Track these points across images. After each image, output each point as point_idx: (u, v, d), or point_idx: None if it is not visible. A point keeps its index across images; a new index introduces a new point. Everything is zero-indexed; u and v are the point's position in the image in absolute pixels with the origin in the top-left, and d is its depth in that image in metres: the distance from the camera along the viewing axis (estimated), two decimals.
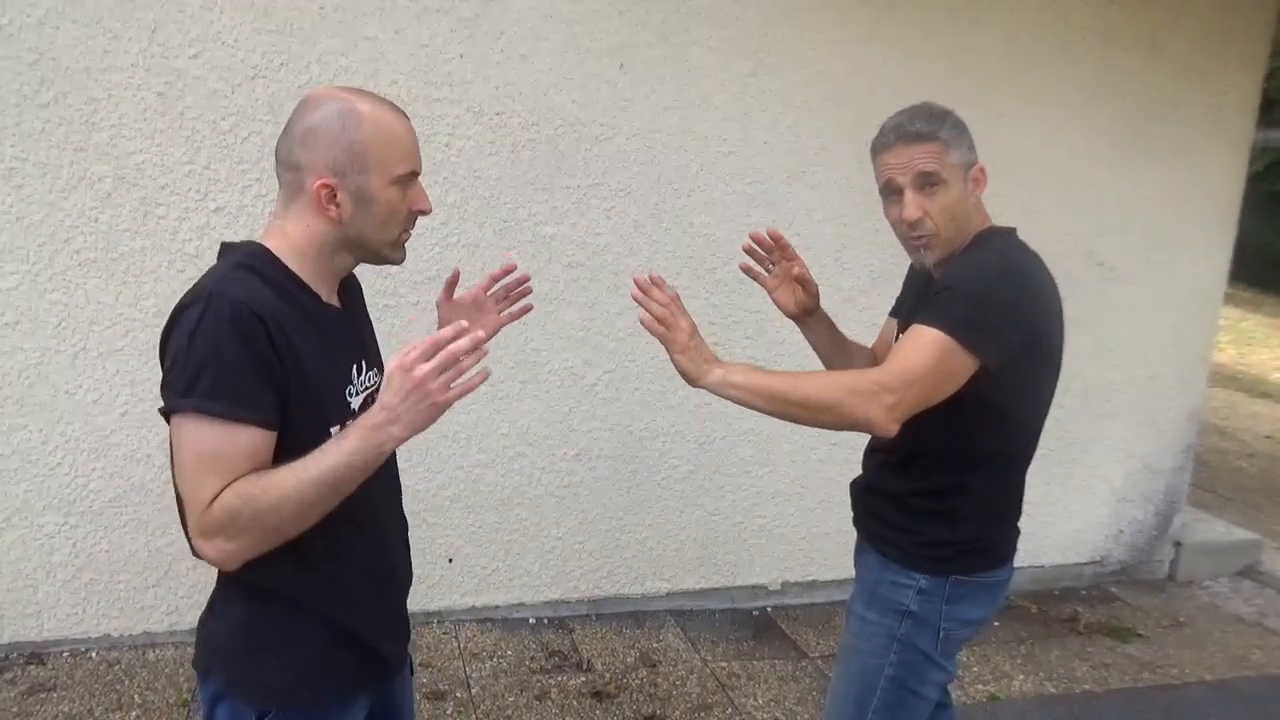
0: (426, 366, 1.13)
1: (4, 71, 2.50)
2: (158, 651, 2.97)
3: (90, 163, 2.61)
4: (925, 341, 1.55)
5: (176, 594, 2.97)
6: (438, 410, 1.17)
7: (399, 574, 1.51)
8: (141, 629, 2.97)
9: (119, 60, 2.57)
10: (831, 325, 1.98)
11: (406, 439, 1.18)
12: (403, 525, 1.56)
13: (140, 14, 2.56)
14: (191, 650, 3.09)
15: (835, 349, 1.98)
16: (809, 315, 1.93)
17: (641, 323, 1.59)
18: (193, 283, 1.21)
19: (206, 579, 3.16)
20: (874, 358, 2.00)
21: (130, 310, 2.73)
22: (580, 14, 2.93)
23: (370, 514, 1.40)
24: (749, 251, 1.89)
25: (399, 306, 2.84)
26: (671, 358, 1.60)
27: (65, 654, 2.91)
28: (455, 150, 2.85)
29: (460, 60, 2.85)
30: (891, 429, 1.54)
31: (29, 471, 2.76)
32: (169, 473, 3.09)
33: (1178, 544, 4.25)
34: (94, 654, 2.93)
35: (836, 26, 3.20)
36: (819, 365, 2.01)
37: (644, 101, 3.06)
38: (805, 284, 1.88)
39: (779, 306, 1.92)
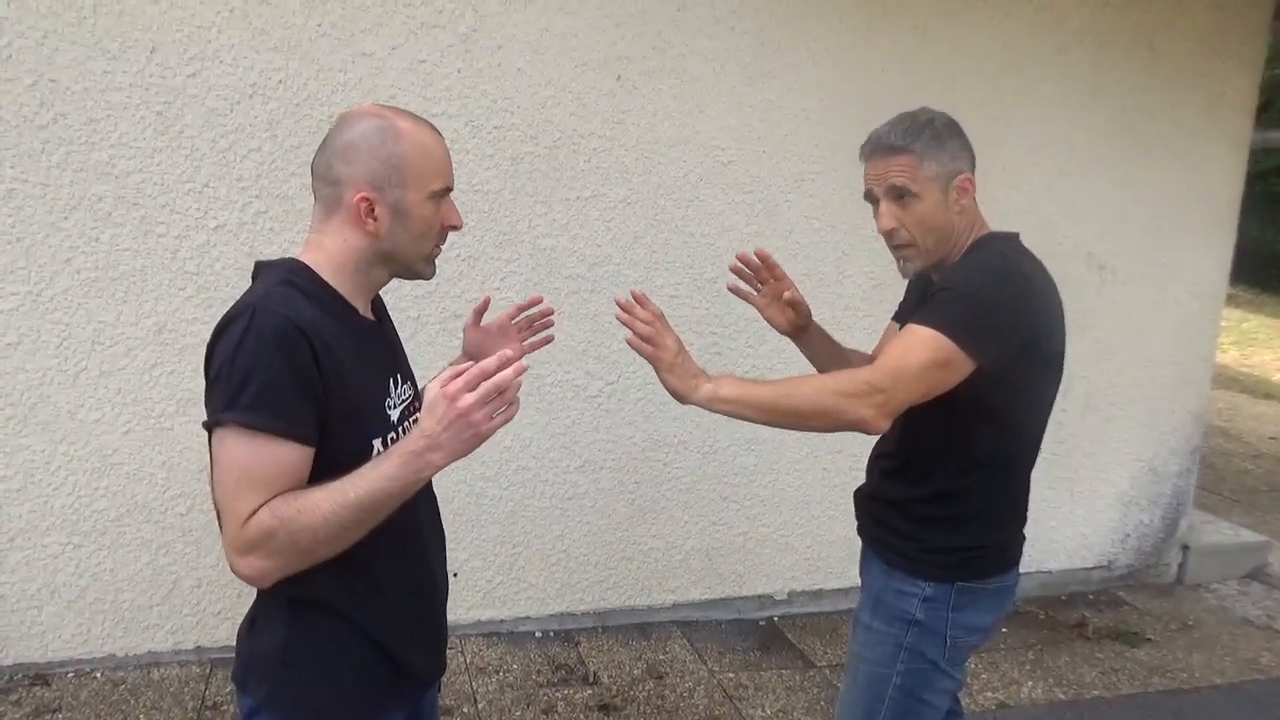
0: (471, 397, 1.13)
1: (4, 93, 2.51)
2: (163, 670, 2.96)
3: (90, 183, 2.62)
4: (919, 340, 1.55)
5: (181, 613, 2.96)
6: (479, 440, 1.17)
7: (438, 587, 1.51)
8: (146, 648, 2.97)
9: (118, 80, 2.58)
10: (826, 338, 1.98)
11: (445, 466, 1.18)
12: (442, 538, 1.56)
13: (138, 34, 2.57)
14: (196, 668, 3.08)
15: (831, 360, 1.98)
16: (802, 332, 1.94)
17: (628, 343, 1.58)
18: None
19: (211, 597, 3.17)
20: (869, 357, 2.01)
21: (131, 329, 2.73)
22: (576, 27, 2.94)
23: (414, 527, 1.41)
24: (736, 272, 1.89)
25: (400, 321, 2.84)
26: (659, 376, 1.59)
27: (70, 674, 2.91)
28: (454, 164, 2.83)
29: (458, 75, 2.86)
30: (883, 426, 1.55)
31: (32, 492, 2.76)
32: (171, 491, 3.09)
33: (1185, 547, 4.23)
34: (99, 674, 2.92)
35: (832, 34, 3.21)
36: (809, 370, 1.99)
37: (642, 113, 3.07)
38: (796, 305, 1.88)
39: (771, 324, 1.93)
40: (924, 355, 1.54)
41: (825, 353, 1.97)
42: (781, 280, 1.87)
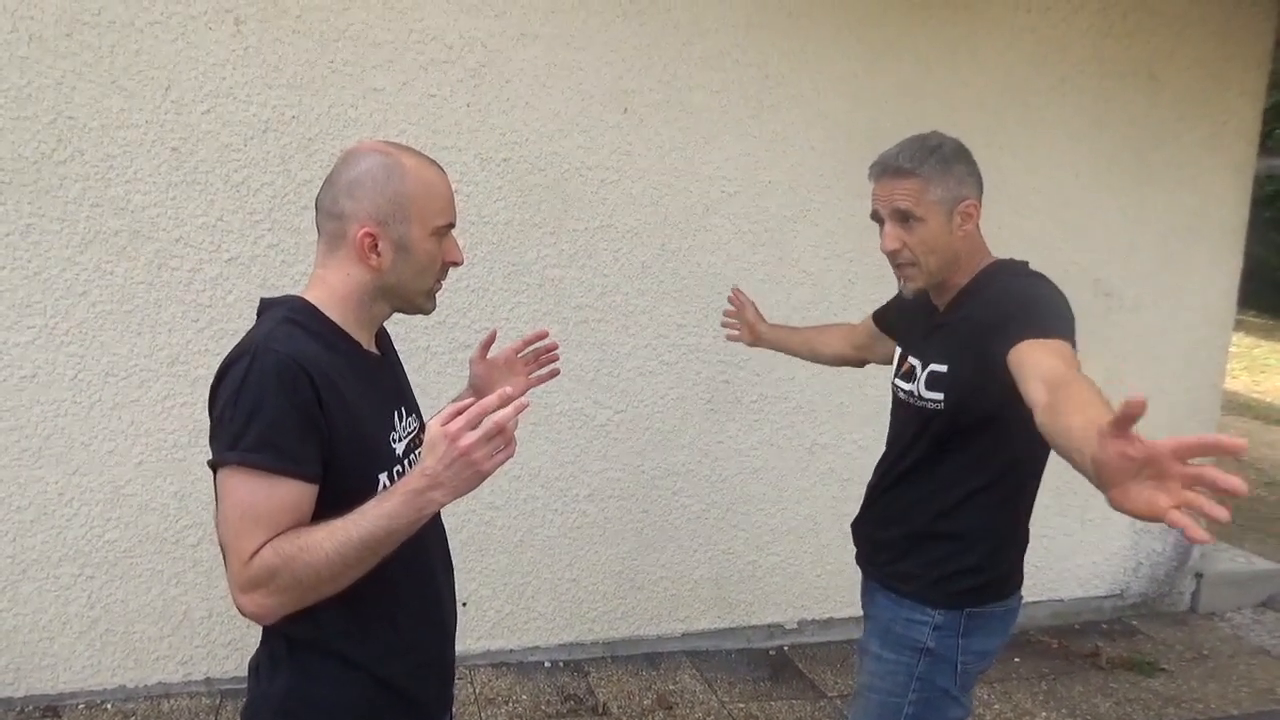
0: (473, 436, 1.13)
1: (23, 130, 2.56)
2: (172, 702, 2.96)
3: (106, 217, 2.66)
4: (1065, 349, 1.48)
5: (191, 644, 2.97)
6: (481, 478, 1.17)
7: (446, 619, 1.51)
8: (156, 679, 2.97)
9: (134, 117, 2.63)
10: (788, 329, 2.40)
11: (447, 503, 1.18)
12: (450, 569, 1.56)
13: (155, 72, 2.63)
14: (206, 700, 3.08)
15: (803, 340, 2.34)
16: (764, 332, 2.36)
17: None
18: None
19: (221, 628, 3.16)
20: (845, 333, 2.30)
21: (145, 361, 2.76)
22: (584, 61, 2.99)
23: (425, 558, 1.41)
24: (732, 315, 2.46)
25: (410, 351, 2.87)
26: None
27: (81, 706, 2.91)
28: (463, 196, 2.89)
29: (467, 109, 2.90)
30: None
31: (45, 523, 2.78)
32: (183, 522, 3.11)
33: (1198, 575, 4.20)
34: (109, 705, 2.92)
35: (835, 66, 3.25)
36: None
37: (648, 145, 3.11)
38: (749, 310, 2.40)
39: (747, 341, 2.43)
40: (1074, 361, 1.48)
41: (793, 337, 2.36)
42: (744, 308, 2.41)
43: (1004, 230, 3.62)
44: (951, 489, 1.73)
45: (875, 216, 1.74)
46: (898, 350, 1.93)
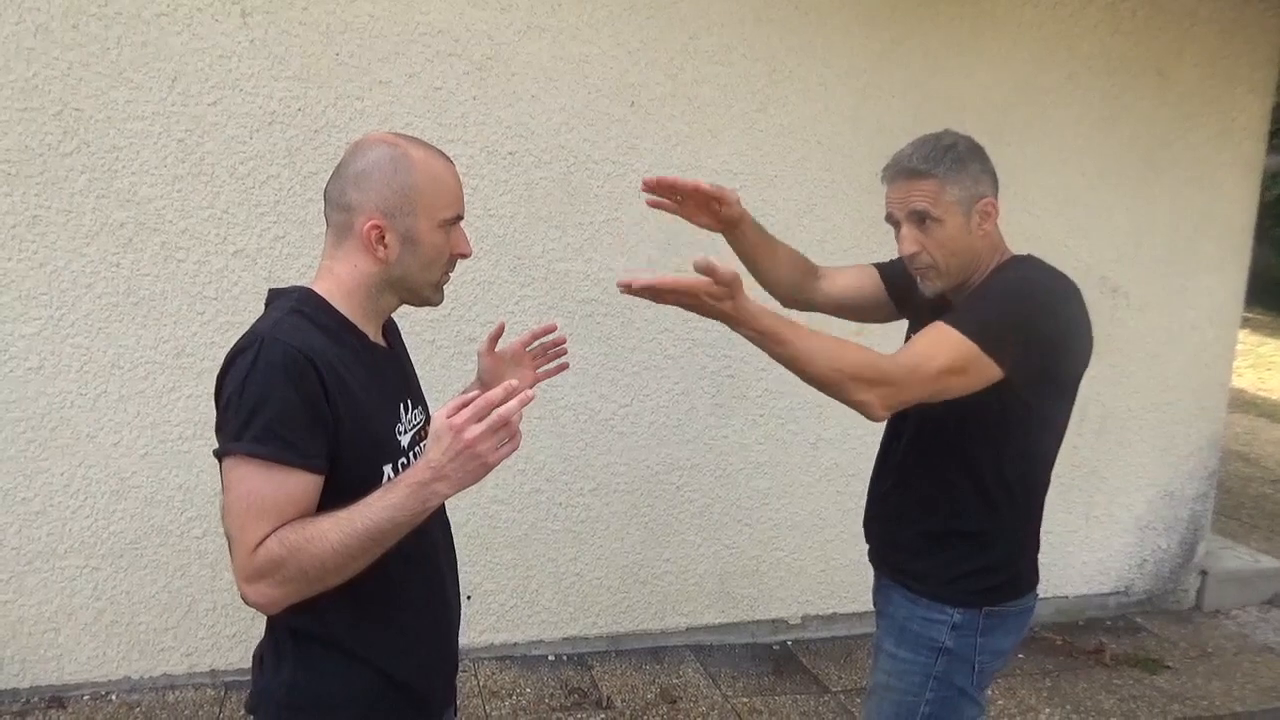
0: (479, 428, 1.13)
1: (30, 122, 2.56)
2: (177, 693, 2.96)
3: (112, 209, 2.66)
4: (946, 342, 1.53)
5: (196, 635, 2.98)
6: (486, 470, 1.16)
7: (451, 612, 1.51)
8: (161, 671, 2.98)
9: (140, 109, 2.63)
10: (760, 231, 1.93)
11: (452, 495, 1.18)
12: (454, 561, 1.56)
13: (161, 64, 2.62)
14: (211, 691, 3.09)
15: (762, 255, 1.95)
16: (734, 227, 1.89)
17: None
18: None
19: (226, 620, 3.17)
20: (815, 273, 2.03)
21: (151, 353, 2.77)
22: (590, 54, 2.98)
23: (430, 551, 1.41)
24: (650, 192, 1.83)
25: (415, 345, 2.86)
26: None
27: (86, 697, 2.92)
28: (469, 189, 2.87)
29: (473, 102, 2.90)
30: (882, 415, 1.54)
31: (51, 515, 2.78)
32: (188, 514, 3.12)
33: (1203, 572, 4.19)
34: (114, 697, 2.93)
35: (843, 61, 3.24)
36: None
37: (655, 138, 3.10)
38: (720, 200, 1.81)
39: (696, 223, 1.88)
40: (945, 359, 1.52)
41: (756, 246, 1.93)
42: (691, 193, 1.80)
43: (1009, 227, 3.59)
44: (960, 486, 1.72)
45: (890, 220, 1.70)
46: (876, 272, 1.93)
